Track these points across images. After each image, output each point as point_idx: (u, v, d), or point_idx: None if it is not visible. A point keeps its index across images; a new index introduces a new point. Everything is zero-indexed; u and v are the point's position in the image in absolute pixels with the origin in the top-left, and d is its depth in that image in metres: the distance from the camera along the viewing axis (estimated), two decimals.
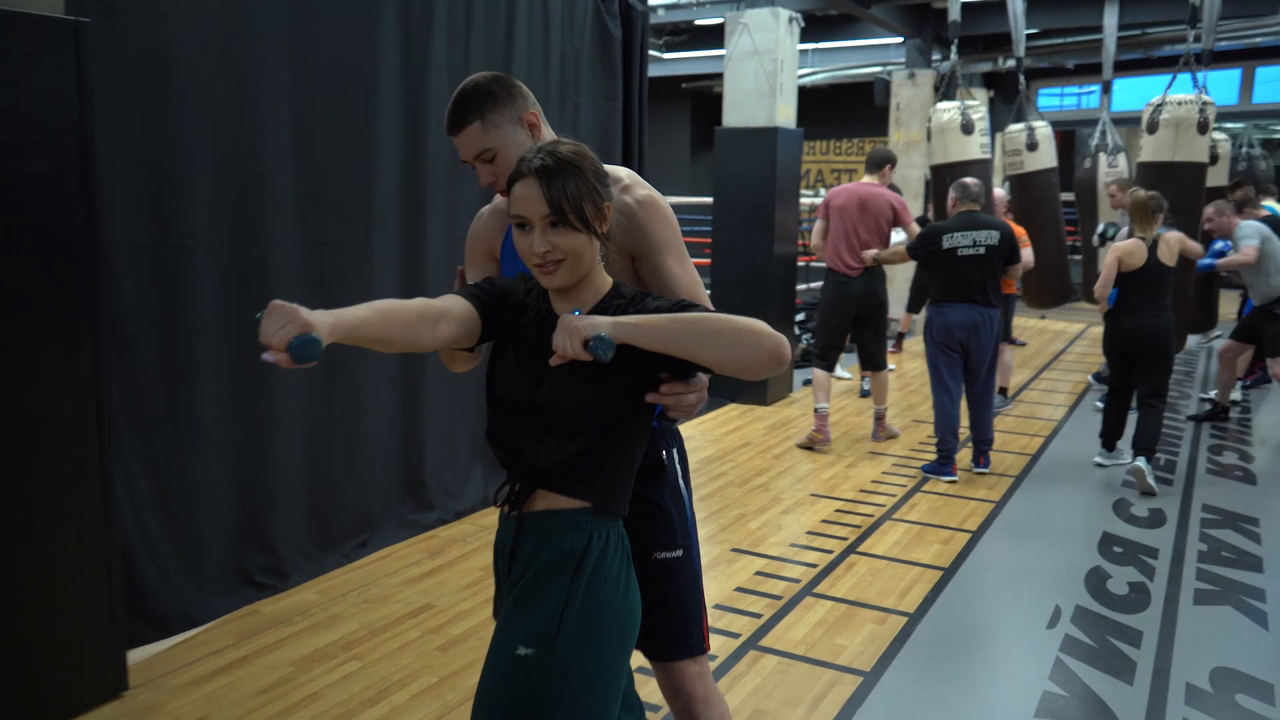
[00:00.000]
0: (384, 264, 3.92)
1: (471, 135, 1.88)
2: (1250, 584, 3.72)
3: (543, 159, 1.57)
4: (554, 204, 1.55)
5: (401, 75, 3.92)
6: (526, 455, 1.62)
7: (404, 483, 4.16)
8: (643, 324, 1.52)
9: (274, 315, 1.31)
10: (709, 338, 1.51)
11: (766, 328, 1.50)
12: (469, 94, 1.89)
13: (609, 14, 5.08)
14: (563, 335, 1.51)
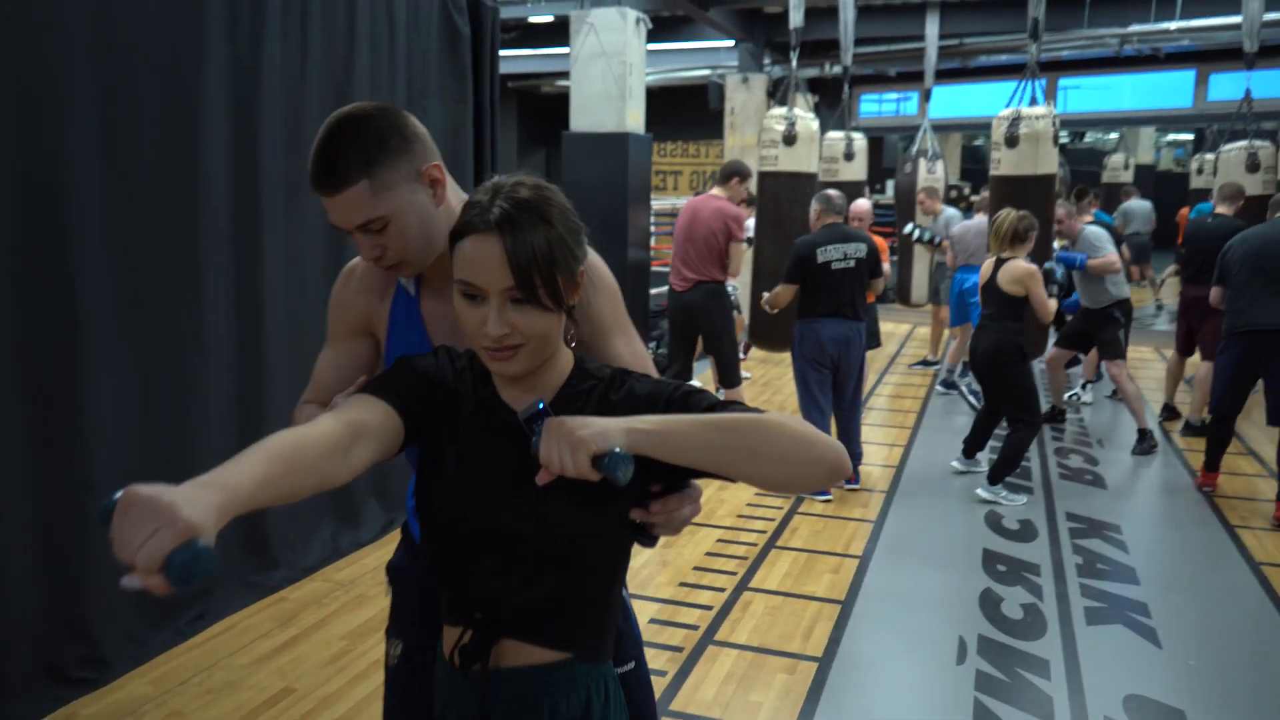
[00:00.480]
0: (215, 294, 3.38)
1: (355, 199, 1.39)
2: (1132, 598, 3.76)
3: (502, 207, 1.17)
4: (521, 273, 1.16)
5: (230, 76, 3.39)
6: (488, 595, 1.25)
7: (243, 539, 3.64)
8: (668, 431, 1.14)
9: (132, 517, 0.87)
10: (758, 450, 1.14)
11: (822, 434, 1.17)
12: (349, 137, 1.40)
13: (456, 10, 4.67)
14: (558, 448, 1.11)
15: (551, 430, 1.12)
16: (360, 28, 4.01)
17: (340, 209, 1.42)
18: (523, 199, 1.19)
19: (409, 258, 1.48)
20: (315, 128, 3.75)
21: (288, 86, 3.65)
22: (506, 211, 1.17)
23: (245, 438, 3.37)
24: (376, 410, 1.21)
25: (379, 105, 1.47)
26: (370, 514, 4.26)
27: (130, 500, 0.88)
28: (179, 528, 0.86)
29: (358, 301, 1.60)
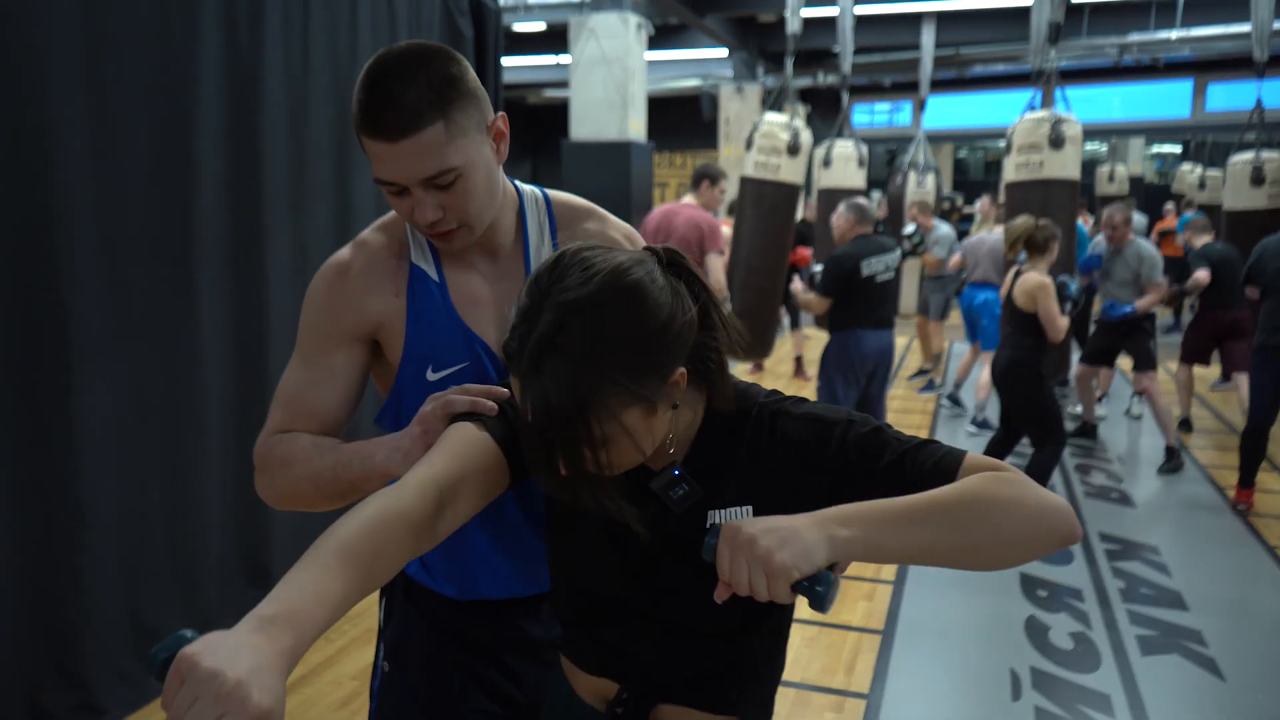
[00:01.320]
0: (213, 311, 3.14)
1: (428, 144, 1.17)
2: (1184, 625, 3.57)
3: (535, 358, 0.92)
4: (544, 439, 0.94)
5: (227, 78, 3.16)
6: (642, 660, 1.10)
7: (244, 571, 3.39)
8: (877, 539, 0.90)
9: (189, 693, 0.71)
10: (983, 544, 0.92)
11: (1047, 495, 0.95)
12: (420, 71, 1.17)
13: (459, 11, 4.46)
14: (749, 572, 0.88)
15: (738, 545, 0.88)
16: (362, 25, 3.79)
17: (406, 157, 1.17)
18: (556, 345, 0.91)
19: (470, 222, 1.26)
20: (318, 130, 3.51)
21: (291, 90, 3.42)
22: (537, 367, 0.92)
23: (243, 451, 3.17)
24: (475, 449, 1.02)
25: (432, 43, 1.24)
26: None
27: (187, 669, 0.72)
28: (249, 716, 0.71)
29: (363, 300, 1.31)
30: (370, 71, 1.19)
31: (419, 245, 1.34)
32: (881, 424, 1.03)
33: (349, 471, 1.21)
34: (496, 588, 1.41)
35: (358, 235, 1.38)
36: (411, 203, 1.22)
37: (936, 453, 0.98)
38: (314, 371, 1.31)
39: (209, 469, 3.17)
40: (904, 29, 9.54)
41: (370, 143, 1.18)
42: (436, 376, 1.32)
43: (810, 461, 1.01)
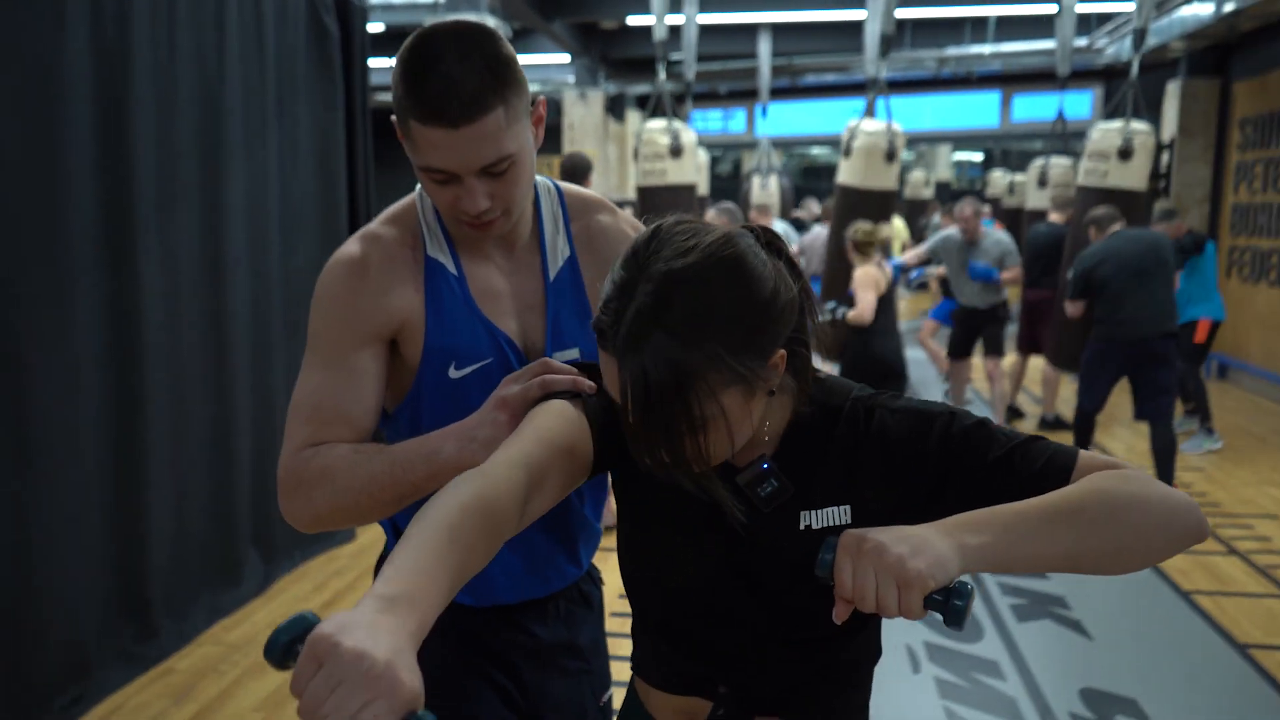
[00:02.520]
0: (86, 316, 2.91)
1: (491, 129, 1.11)
2: (1049, 592, 3.87)
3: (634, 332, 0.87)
4: (635, 407, 0.88)
5: (94, 73, 2.93)
6: (738, 670, 1.05)
7: (117, 604, 3.13)
8: (1009, 545, 0.84)
9: (331, 676, 0.66)
10: (1126, 544, 0.87)
11: (1173, 491, 0.91)
12: (477, 52, 1.10)
13: (323, 7, 4.29)
14: (878, 583, 0.81)
15: (863, 553, 0.81)
16: (229, 14, 3.59)
17: (466, 144, 1.11)
18: (659, 319, 0.86)
19: (513, 209, 1.23)
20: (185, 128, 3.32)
21: (158, 80, 3.21)
22: (634, 341, 0.87)
23: (119, 458, 2.95)
24: (563, 431, 0.98)
25: (480, 21, 1.18)
26: (251, 568, 3.80)
27: (326, 651, 0.66)
28: (401, 699, 0.66)
29: (384, 297, 1.24)
30: (419, 52, 1.12)
31: (434, 236, 1.29)
32: (984, 418, 0.98)
33: (412, 472, 1.14)
34: (511, 591, 1.37)
35: (364, 228, 1.31)
36: (458, 191, 1.17)
37: (1048, 449, 0.93)
38: (339, 375, 1.22)
39: (76, 468, 2.90)
40: (741, 39, 9.85)
41: (424, 130, 1.12)
42: (459, 374, 1.27)
43: (910, 458, 0.96)
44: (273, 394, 3.90)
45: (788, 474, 0.99)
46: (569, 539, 1.41)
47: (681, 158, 6.39)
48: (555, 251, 1.34)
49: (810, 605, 0.98)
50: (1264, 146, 7.93)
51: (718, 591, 1.02)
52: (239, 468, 3.69)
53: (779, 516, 0.99)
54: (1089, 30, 9.53)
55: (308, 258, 4.15)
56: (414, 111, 1.12)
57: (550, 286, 1.33)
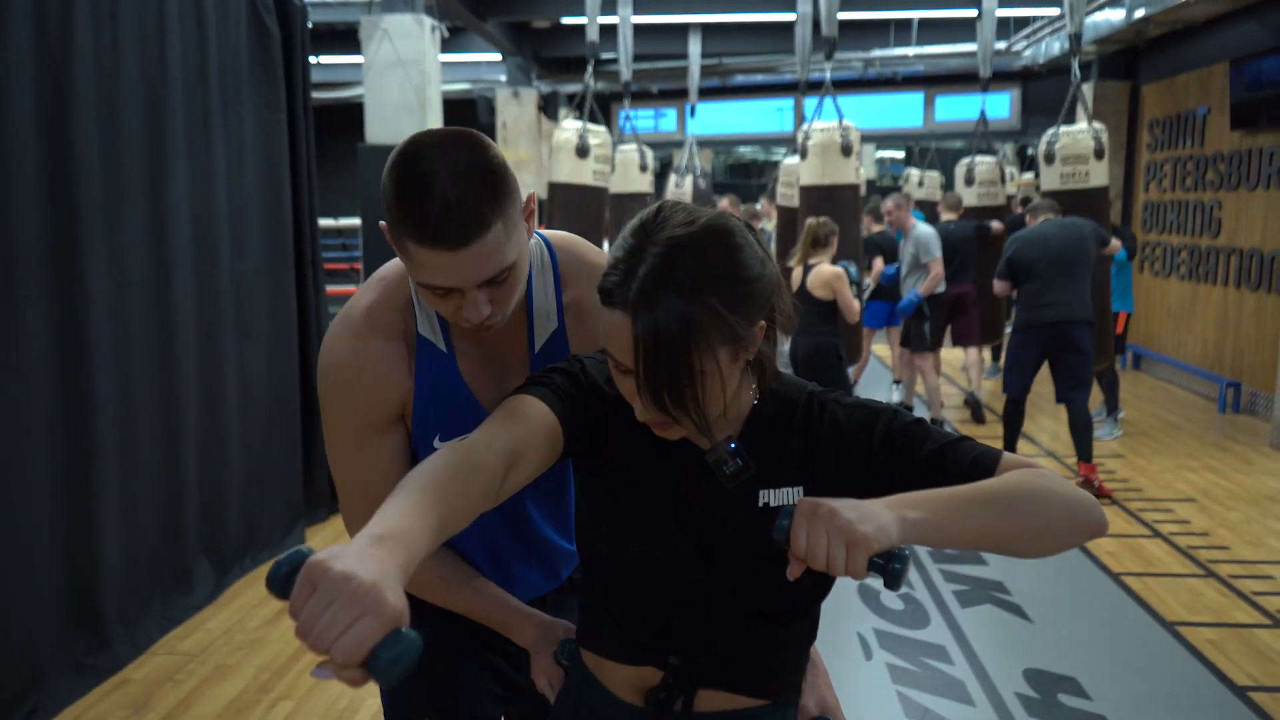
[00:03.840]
0: (33, 323, 2.84)
1: (491, 246, 1.11)
2: (988, 578, 4.03)
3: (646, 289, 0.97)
4: (644, 359, 0.99)
5: (35, 69, 2.87)
6: (680, 639, 1.13)
7: (70, 614, 3.07)
8: (943, 520, 0.96)
9: (323, 597, 0.74)
10: (1037, 529, 1.00)
11: (1087, 494, 1.04)
12: (471, 169, 1.10)
13: (264, 7, 4.24)
14: (830, 543, 0.90)
15: (818, 517, 0.91)
16: (170, 13, 3.52)
17: (469, 264, 1.11)
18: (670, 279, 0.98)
19: (509, 310, 1.22)
20: (129, 128, 3.28)
21: (102, 81, 3.15)
22: (648, 297, 0.98)
23: (68, 468, 2.90)
24: (538, 419, 1.06)
25: (467, 129, 1.18)
26: (201, 574, 3.75)
27: (317, 575, 0.75)
28: (386, 615, 0.74)
29: (386, 391, 1.28)
30: (410, 170, 1.10)
31: (426, 316, 1.30)
32: (921, 418, 1.10)
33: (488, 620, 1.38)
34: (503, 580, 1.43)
35: (360, 300, 1.31)
36: (459, 302, 1.17)
37: (975, 449, 1.06)
38: (371, 453, 1.30)
39: (31, 489, 2.84)
40: (671, 39, 9.94)
41: (423, 251, 1.11)
42: (443, 445, 1.28)
43: (859, 447, 1.08)
44: (221, 400, 3.85)
45: (750, 455, 1.09)
46: (548, 567, 1.49)
47: (588, 158, 6.39)
48: (543, 324, 1.35)
49: (762, 581, 1.08)
50: (1171, 147, 8.31)
51: (677, 563, 1.10)
52: (188, 475, 3.64)
53: (739, 493, 1.09)
54: (1008, 34, 9.86)
55: (253, 259, 4.10)
56: (412, 235, 1.11)
57: (535, 359, 1.35)
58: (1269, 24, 6.72)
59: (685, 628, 1.12)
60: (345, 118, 9.91)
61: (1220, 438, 6.44)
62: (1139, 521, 4.73)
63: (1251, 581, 3.97)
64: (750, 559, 1.09)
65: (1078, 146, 5.89)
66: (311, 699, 3.00)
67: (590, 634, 1.21)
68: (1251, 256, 7.06)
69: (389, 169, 1.13)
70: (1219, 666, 3.24)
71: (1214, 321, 7.59)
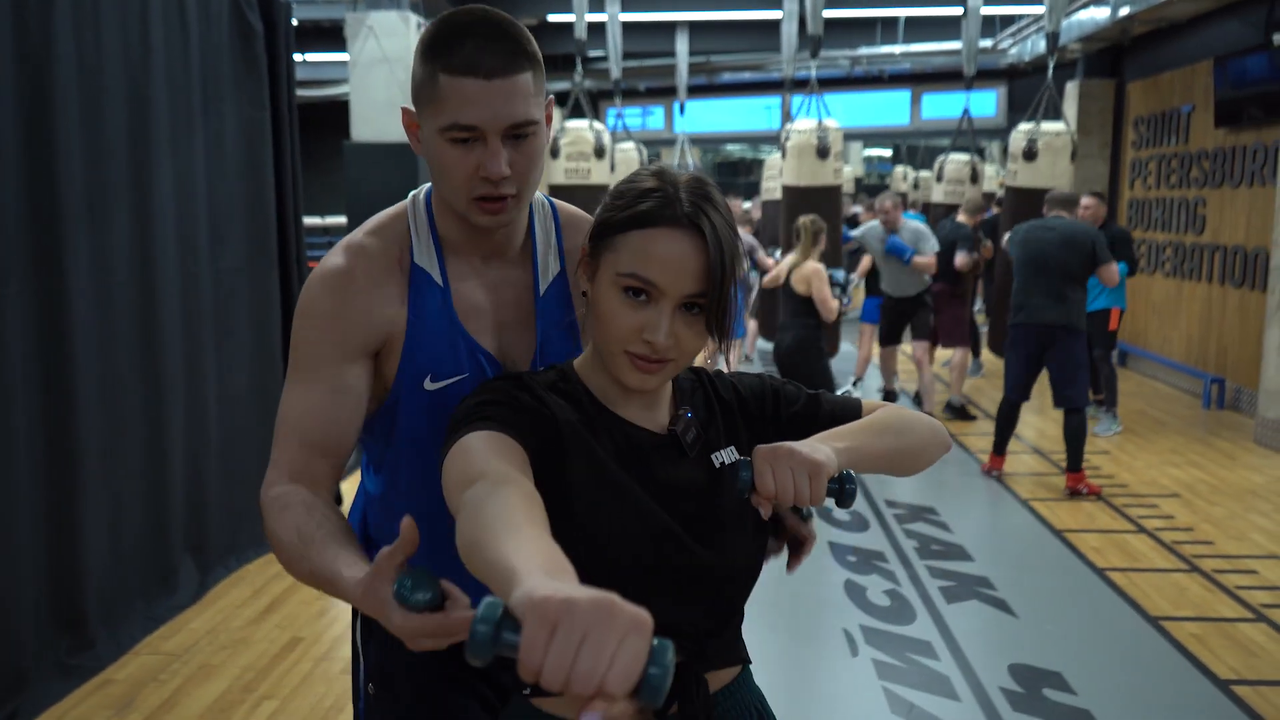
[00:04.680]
0: (16, 323, 2.83)
1: (522, 88, 1.16)
2: (974, 574, 4.04)
3: (696, 198, 1.05)
4: (714, 283, 1.04)
5: (17, 69, 2.85)
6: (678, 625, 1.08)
7: (53, 615, 3.05)
8: (860, 446, 1.11)
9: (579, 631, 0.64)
10: (915, 448, 1.19)
11: (934, 419, 1.26)
12: (509, 25, 1.17)
13: (247, 4, 4.22)
14: (794, 475, 0.99)
15: (779, 457, 1.00)
16: (153, 12, 3.51)
17: (500, 98, 1.14)
18: (712, 198, 1.07)
19: (524, 192, 1.23)
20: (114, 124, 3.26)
21: (84, 79, 3.13)
22: (701, 208, 1.05)
23: (51, 467, 2.88)
24: (510, 443, 1.03)
25: None
26: (186, 575, 3.73)
27: (556, 610, 0.65)
28: (646, 629, 0.65)
29: (371, 311, 1.24)
30: (452, 22, 1.16)
31: (423, 243, 1.29)
32: (791, 382, 1.27)
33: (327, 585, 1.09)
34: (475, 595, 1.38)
35: (347, 239, 1.30)
36: (482, 155, 1.17)
37: (842, 398, 1.26)
38: (325, 395, 1.22)
39: (15, 498, 2.83)
40: (659, 37, 9.94)
41: (456, 82, 1.14)
42: (435, 386, 1.28)
43: (759, 408, 1.21)
44: (204, 399, 3.83)
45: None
46: None
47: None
48: (546, 267, 1.35)
49: (735, 543, 1.13)
50: (1156, 144, 8.35)
51: (664, 547, 1.08)
52: (172, 474, 3.62)
53: (697, 461, 1.14)
54: (994, 32, 9.89)
55: (236, 258, 4.08)
56: (446, 67, 1.14)
57: (540, 301, 1.34)
58: (1252, 22, 6.76)
59: (678, 621, 1.09)
60: (330, 116, 9.88)
61: (1204, 433, 6.48)
62: (1124, 517, 4.75)
63: (1235, 576, 3.99)
64: (725, 523, 1.12)
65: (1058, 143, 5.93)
66: (296, 699, 2.99)
67: None
68: (1235, 253, 7.10)
69: (427, 31, 1.19)
70: (1203, 661, 3.26)
71: (1198, 318, 7.64)
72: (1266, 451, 6.00)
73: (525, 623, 0.66)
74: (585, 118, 6.53)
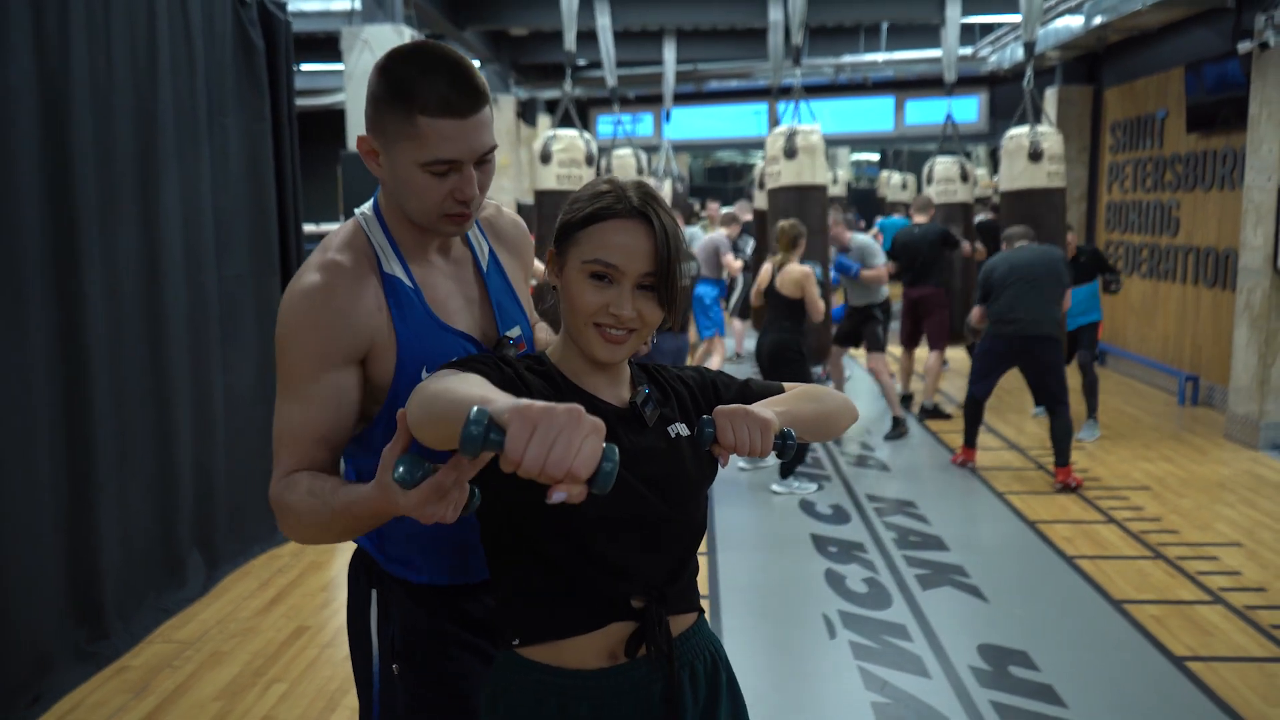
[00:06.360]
0: (37, 331, 2.99)
1: (488, 119, 1.33)
2: (948, 562, 4.23)
3: (642, 196, 1.26)
4: (662, 261, 1.24)
5: (39, 89, 3.02)
6: (635, 581, 1.27)
7: (74, 604, 3.22)
8: (792, 411, 1.32)
9: (553, 429, 0.86)
10: (833, 413, 1.41)
11: (845, 395, 1.47)
12: (469, 64, 1.32)
13: (249, 21, 4.39)
14: (749, 431, 1.18)
15: (736, 416, 1.20)
16: (160, 33, 3.68)
17: (475, 131, 1.30)
18: (653, 195, 1.28)
19: (480, 202, 1.39)
20: (122, 140, 3.43)
21: (96, 96, 3.31)
22: (647, 203, 1.25)
23: (70, 467, 3.06)
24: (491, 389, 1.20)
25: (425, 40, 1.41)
26: (194, 569, 3.90)
27: (538, 414, 0.86)
28: (602, 431, 0.88)
29: (352, 321, 1.33)
30: (418, 63, 1.29)
31: (387, 254, 1.41)
32: (722, 372, 1.48)
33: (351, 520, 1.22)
34: (481, 568, 1.49)
35: (316, 257, 1.38)
36: (457, 182, 1.32)
37: (769, 382, 1.44)
38: (314, 404, 1.31)
39: (22, 487, 2.99)
40: (647, 45, 10.13)
41: (436, 123, 1.28)
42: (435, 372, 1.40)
43: (703, 394, 1.41)
44: (210, 401, 4.00)
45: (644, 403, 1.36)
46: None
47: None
48: (481, 247, 1.54)
49: (691, 500, 1.31)
50: (1133, 149, 8.57)
51: (634, 507, 1.25)
52: (180, 472, 3.78)
53: (658, 431, 1.32)
54: (974, 40, 10.10)
55: (240, 265, 4.25)
56: (425, 109, 1.27)
57: (486, 277, 1.52)
58: (1220, 30, 6.97)
59: (642, 568, 1.27)
60: (322, 124, 10.04)
61: (1178, 429, 6.68)
62: (1094, 509, 4.95)
63: (1197, 562, 4.19)
64: (682, 484, 1.30)
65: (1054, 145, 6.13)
66: (304, 682, 3.16)
67: (539, 628, 1.27)
68: (1207, 254, 7.32)
69: (385, 71, 1.31)
70: (1160, 640, 3.45)
71: (1174, 317, 7.85)
72: (1236, 446, 6.20)
73: (511, 423, 0.86)
74: (574, 126, 6.69)
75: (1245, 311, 6.24)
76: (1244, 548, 4.36)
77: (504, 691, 1.30)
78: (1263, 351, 6.07)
